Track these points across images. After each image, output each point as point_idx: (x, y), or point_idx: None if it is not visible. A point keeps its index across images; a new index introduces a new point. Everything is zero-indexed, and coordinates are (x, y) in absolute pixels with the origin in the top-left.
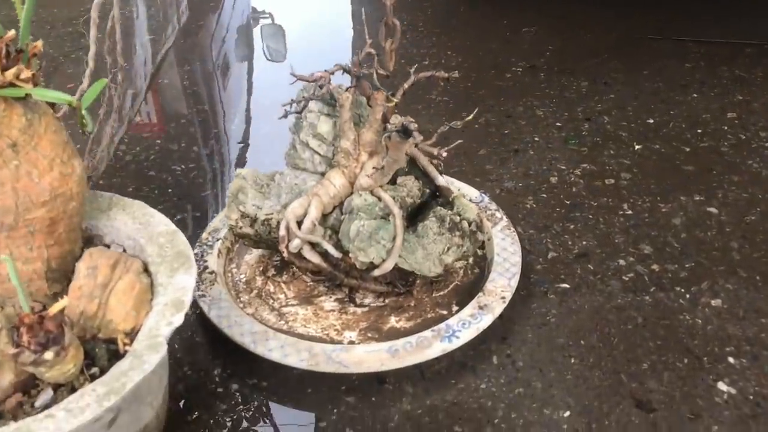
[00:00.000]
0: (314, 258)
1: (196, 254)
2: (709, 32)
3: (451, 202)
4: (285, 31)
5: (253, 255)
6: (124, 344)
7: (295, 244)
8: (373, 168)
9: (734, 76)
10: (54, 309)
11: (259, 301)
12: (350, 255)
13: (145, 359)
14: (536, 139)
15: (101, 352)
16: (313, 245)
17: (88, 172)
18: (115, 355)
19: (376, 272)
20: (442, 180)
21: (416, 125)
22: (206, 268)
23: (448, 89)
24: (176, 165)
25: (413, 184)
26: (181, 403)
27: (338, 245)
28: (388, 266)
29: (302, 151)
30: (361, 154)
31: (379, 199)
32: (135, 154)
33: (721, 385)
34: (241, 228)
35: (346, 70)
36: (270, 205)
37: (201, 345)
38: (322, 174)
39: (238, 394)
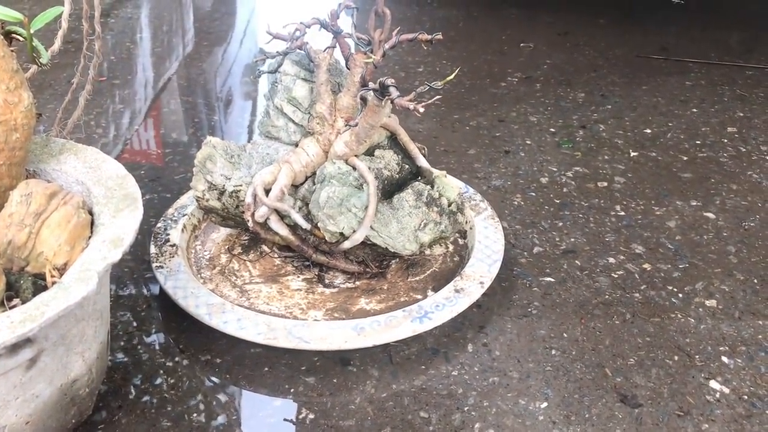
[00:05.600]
0: (281, 229)
1: (159, 228)
2: (710, 55)
3: (432, 182)
4: None
5: (220, 234)
6: (52, 277)
7: (262, 212)
8: (346, 124)
9: (735, 94)
10: None
11: (221, 278)
12: (319, 225)
13: (72, 290)
14: (528, 142)
15: (26, 285)
16: (282, 216)
17: None
18: (43, 291)
19: (346, 244)
20: (424, 161)
21: (394, 81)
22: (167, 241)
23: (440, 92)
24: (154, 149)
25: (391, 157)
26: (126, 375)
27: (308, 217)
28: (358, 237)
29: (276, 118)
30: (337, 120)
31: (354, 168)
32: (106, 135)
33: (714, 384)
34: (207, 201)
35: (322, 25)
36: (239, 176)
37: (155, 319)
38: (296, 144)
39: (188, 369)
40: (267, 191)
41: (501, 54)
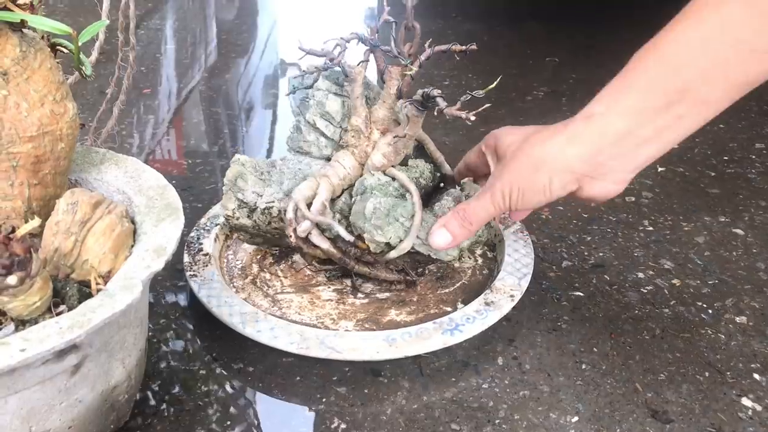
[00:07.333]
0: (323, 243)
1: (191, 237)
2: None
3: (461, 187)
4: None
5: None
6: (97, 284)
7: (305, 226)
8: (395, 136)
9: (762, 110)
10: (22, 230)
11: (253, 287)
12: (365, 235)
13: (117, 298)
14: None
15: (72, 291)
16: (322, 229)
17: None
18: (87, 298)
19: (393, 253)
20: (449, 168)
21: (440, 91)
22: (201, 250)
23: (489, 100)
24: (182, 159)
25: (425, 166)
26: (160, 382)
27: (349, 230)
28: (405, 246)
29: (308, 133)
30: (372, 132)
31: (393, 178)
32: (138, 145)
33: (746, 401)
34: (237, 219)
35: (362, 40)
36: (271, 192)
37: (188, 328)
38: (327, 159)
39: (221, 377)
40: (308, 205)
41: (526, 68)
